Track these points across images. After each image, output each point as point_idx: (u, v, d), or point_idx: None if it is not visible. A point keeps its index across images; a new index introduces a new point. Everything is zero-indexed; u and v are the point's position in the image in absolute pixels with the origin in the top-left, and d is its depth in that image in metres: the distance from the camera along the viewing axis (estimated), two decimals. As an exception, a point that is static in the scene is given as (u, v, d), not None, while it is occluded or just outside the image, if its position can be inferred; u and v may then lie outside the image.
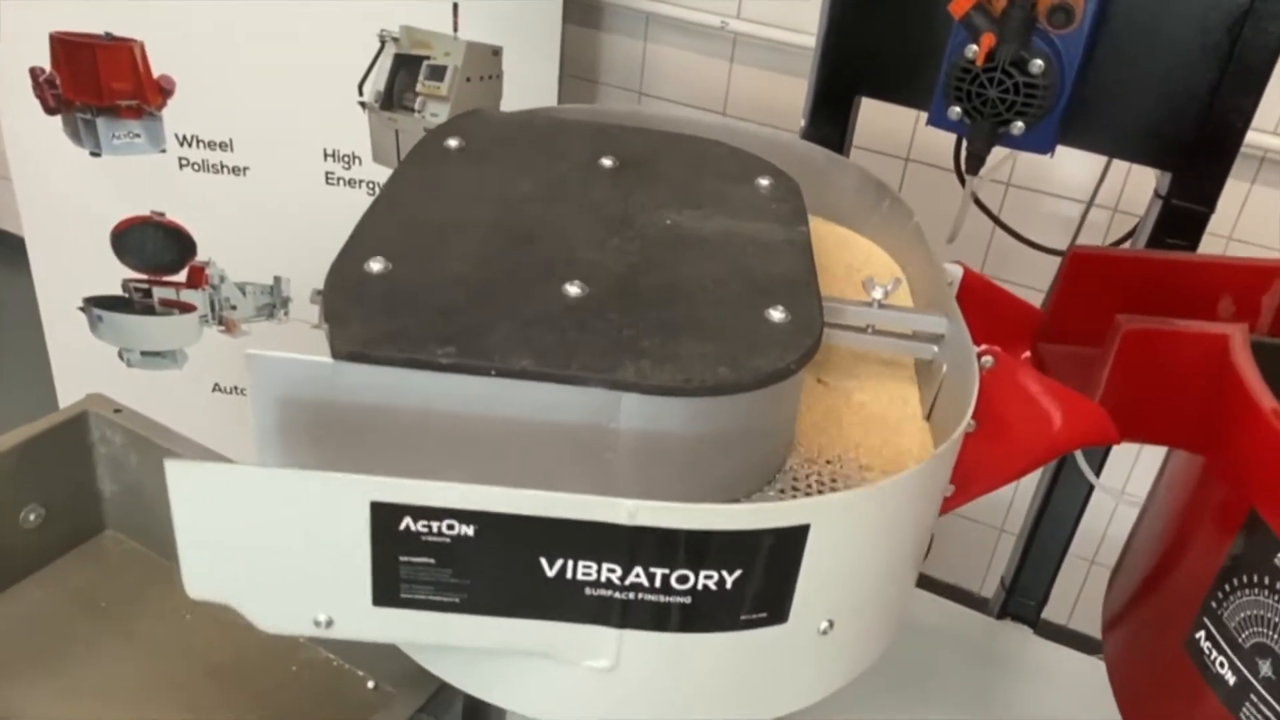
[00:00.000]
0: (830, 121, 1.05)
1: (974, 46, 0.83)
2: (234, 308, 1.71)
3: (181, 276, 1.68)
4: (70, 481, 0.84)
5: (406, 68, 1.51)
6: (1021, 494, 1.98)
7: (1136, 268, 0.75)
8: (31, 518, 0.82)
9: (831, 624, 0.59)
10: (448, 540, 0.53)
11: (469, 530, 0.53)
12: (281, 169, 1.58)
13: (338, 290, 0.64)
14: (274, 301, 1.71)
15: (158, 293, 1.69)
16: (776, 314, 0.66)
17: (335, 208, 1.61)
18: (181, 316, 1.71)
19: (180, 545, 0.53)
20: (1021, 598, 1.19)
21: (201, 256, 1.66)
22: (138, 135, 1.55)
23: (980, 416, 0.71)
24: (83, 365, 1.77)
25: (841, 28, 1.00)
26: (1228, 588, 0.60)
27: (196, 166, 1.58)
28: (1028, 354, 0.83)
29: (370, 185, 1.60)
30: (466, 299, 0.64)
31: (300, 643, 0.81)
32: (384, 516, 0.52)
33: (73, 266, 1.68)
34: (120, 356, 1.75)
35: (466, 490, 0.51)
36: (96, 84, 1.51)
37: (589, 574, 0.54)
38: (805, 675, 0.61)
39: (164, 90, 1.52)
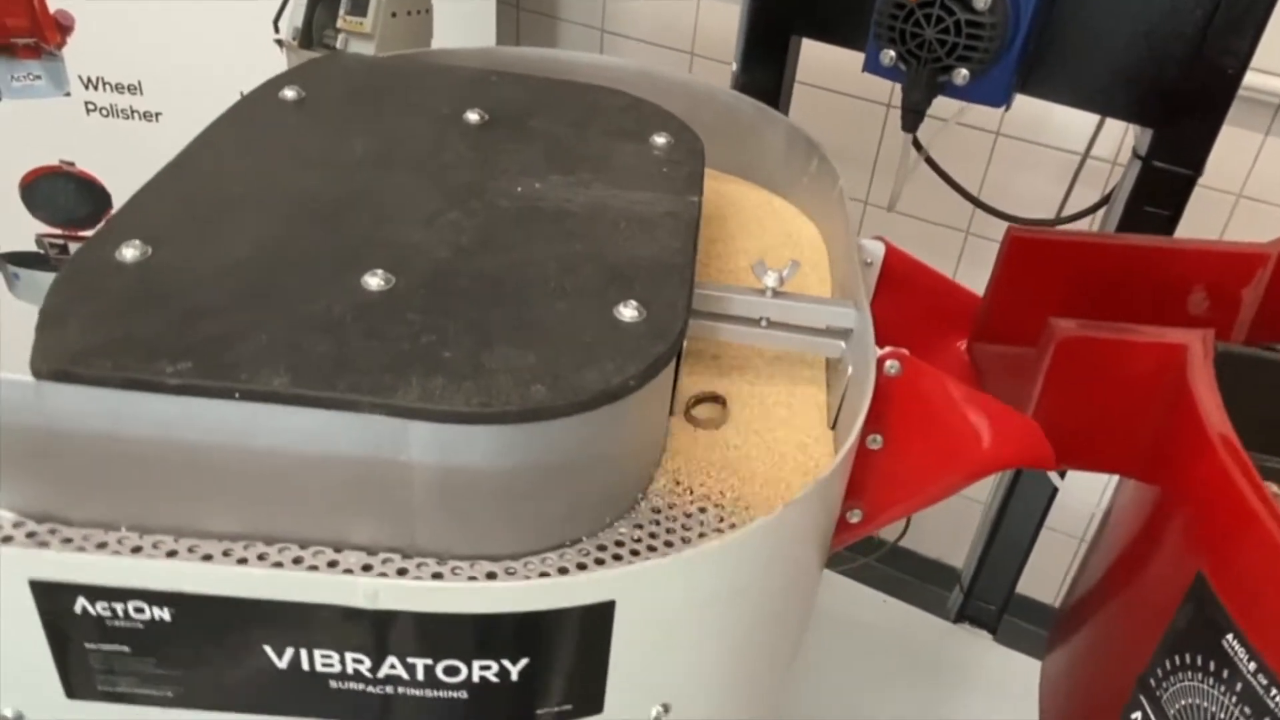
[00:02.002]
0: (764, 66, 0.91)
1: (910, -24, 0.68)
2: (158, 264, 1.59)
3: (99, 231, 1.56)
4: None
5: (325, 1, 1.37)
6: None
7: (1089, 254, 0.61)
8: None
9: (666, 708, 0.47)
10: (140, 625, 0.41)
11: (164, 614, 0.41)
12: (196, 114, 1.44)
13: (67, 285, 0.51)
14: (201, 258, 1.59)
15: (74, 248, 1.57)
16: (628, 311, 0.53)
17: (260, 157, 1.48)
18: (101, 274, 1.59)
19: None
20: (980, 601, 1.07)
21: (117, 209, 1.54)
22: (38, 77, 1.42)
23: (888, 430, 0.59)
24: (5, 326, 1.66)
25: (773, -44, 0.86)
26: (1169, 665, 0.48)
27: (105, 112, 1.45)
28: (964, 346, 0.70)
29: (295, 132, 1.47)
30: (231, 297, 0.52)
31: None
32: (51, 597, 0.40)
33: (-17, 220, 1.56)
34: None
35: (145, 566, 0.40)
36: (-11, 21, 1.38)
37: (331, 665, 0.42)
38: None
39: (62, 27, 1.38)
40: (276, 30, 1.39)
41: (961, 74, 0.69)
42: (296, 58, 1.41)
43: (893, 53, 0.71)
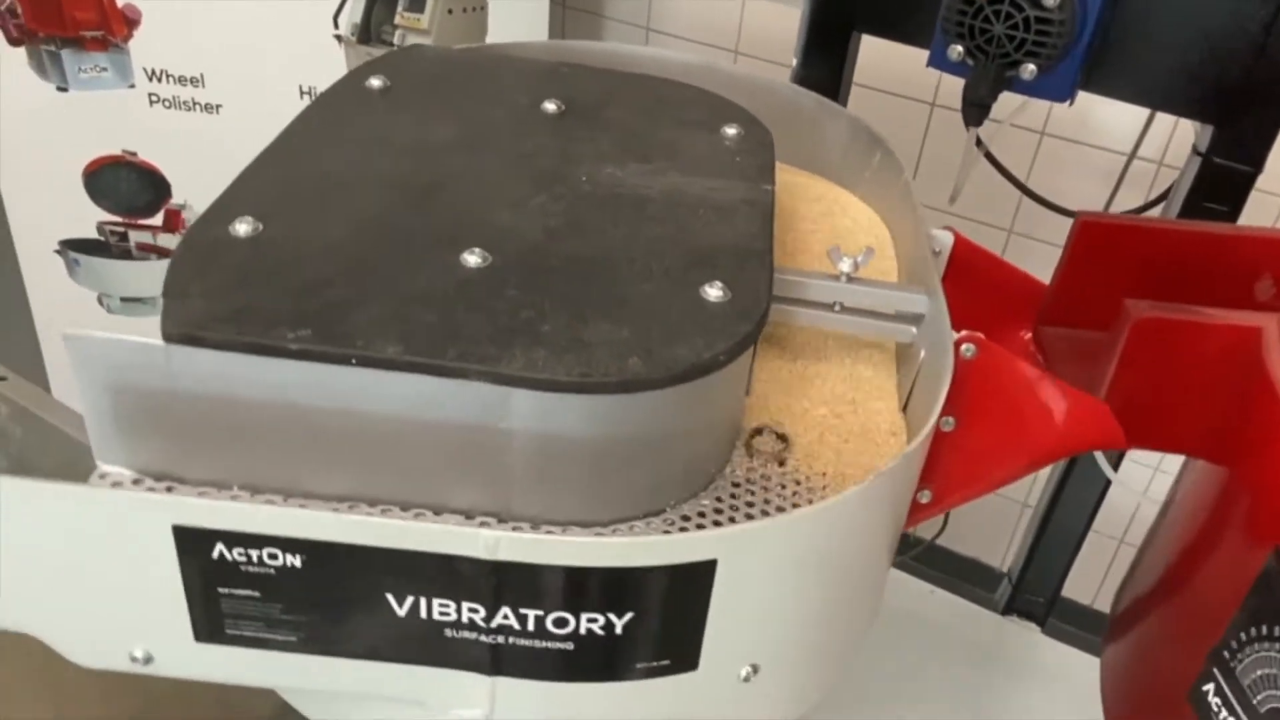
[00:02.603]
0: (824, 61, 0.93)
1: (980, -27, 0.70)
2: (214, 254, 1.63)
3: (158, 220, 1.60)
4: (-49, 455, 0.77)
5: (384, -2, 1.40)
6: (1048, 468, 1.87)
7: (1157, 240, 0.63)
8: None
9: (755, 669, 0.49)
10: (272, 572, 0.44)
11: (296, 561, 0.43)
12: (255, 107, 1.49)
13: (187, 258, 0.54)
14: (255, 248, 1.63)
15: (134, 236, 1.61)
16: (714, 291, 0.55)
17: (316, 150, 1.51)
18: (159, 262, 1.63)
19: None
20: (1029, 594, 1.09)
21: (177, 199, 1.58)
22: (105, 69, 1.46)
23: (961, 413, 0.60)
24: (62, 310, 1.70)
25: (838, -47, 0.88)
26: (1243, 638, 0.50)
27: (167, 103, 1.49)
28: (1029, 335, 0.72)
29: (351, 126, 1.50)
30: (341, 270, 0.54)
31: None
32: (192, 542, 0.43)
33: (47, 208, 1.60)
34: (100, 302, 1.68)
35: (284, 514, 0.42)
36: (59, 13, 1.42)
37: (447, 614, 0.44)
38: (725, 727, 0.52)
39: (129, 20, 1.42)
40: (336, 26, 1.42)
41: (1029, 69, 0.71)
42: (354, 53, 1.44)
43: (960, 48, 0.73)
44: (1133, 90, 0.78)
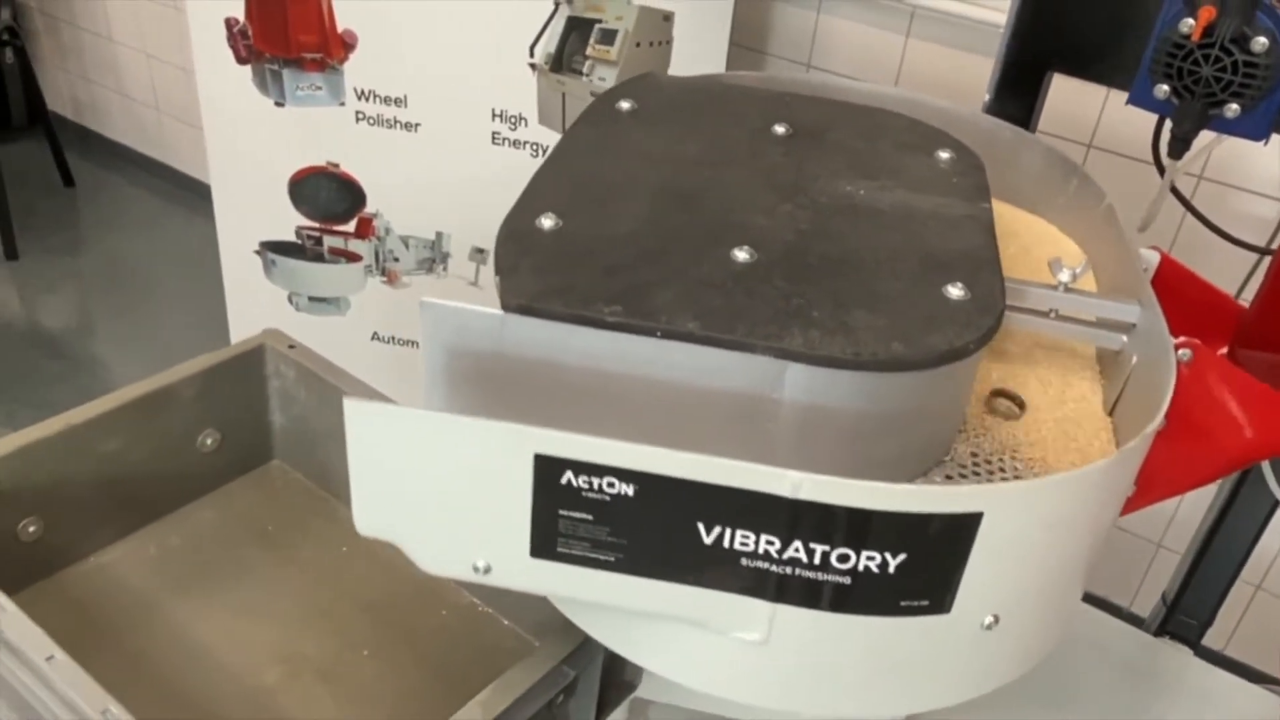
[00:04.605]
0: (1017, 97, 1.00)
1: (1190, 20, 0.76)
2: (397, 260, 1.76)
3: (350, 227, 1.74)
4: (244, 411, 0.88)
5: (578, 30, 1.52)
6: (1188, 507, 1.86)
7: (1361, 267, 0.68)
8: (209, 442, 0.87)
9: (996, 619, 0.56)
10: (607, 498, 0.53)
11: (629, 489, 0.52)
12: (451, 127, 1.62)
13: (509, 244, 0.64)
14: (434, 256, 1.76)
15: (328, 241, 1.75)
16: (955, 291, 0.63)
17: (499, 168, 1.63)
18: (348, 265, 1.77)
19: (353, 482, 0.55)
20: (1184, 616, 1.12)
21: (370, 208, 1.72)
22: (319, 88, 1.61)
23: (1170, 414, 0.66)
24: (255, 306, 1.86)
25: (1038, -3, 0.95)
26: None
27: (371, 121, 1.63)
28: (1224, 353, 0.77)
29: (534, 147, 1.62)
30: (634, 259, 0.64)
31: (449, 586, 0.83)
32: (547, 469, 0.52)
33: (252, 212, 1.76)
34: (289, 300, 1.83)
35: (629, 449, 0.51)
36: (285, 36, 1.57)
37: (746, 544, 0.53)
38: (963, 671, 0.59)
39: (347, 45, 1.57)
40: (531, 55, 1.55)
41: (1232, 109, 0.77)
42: (546, 81, 1.56)
43: (1166, 87, 0.79)
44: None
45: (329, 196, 1.71)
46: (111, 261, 2.63)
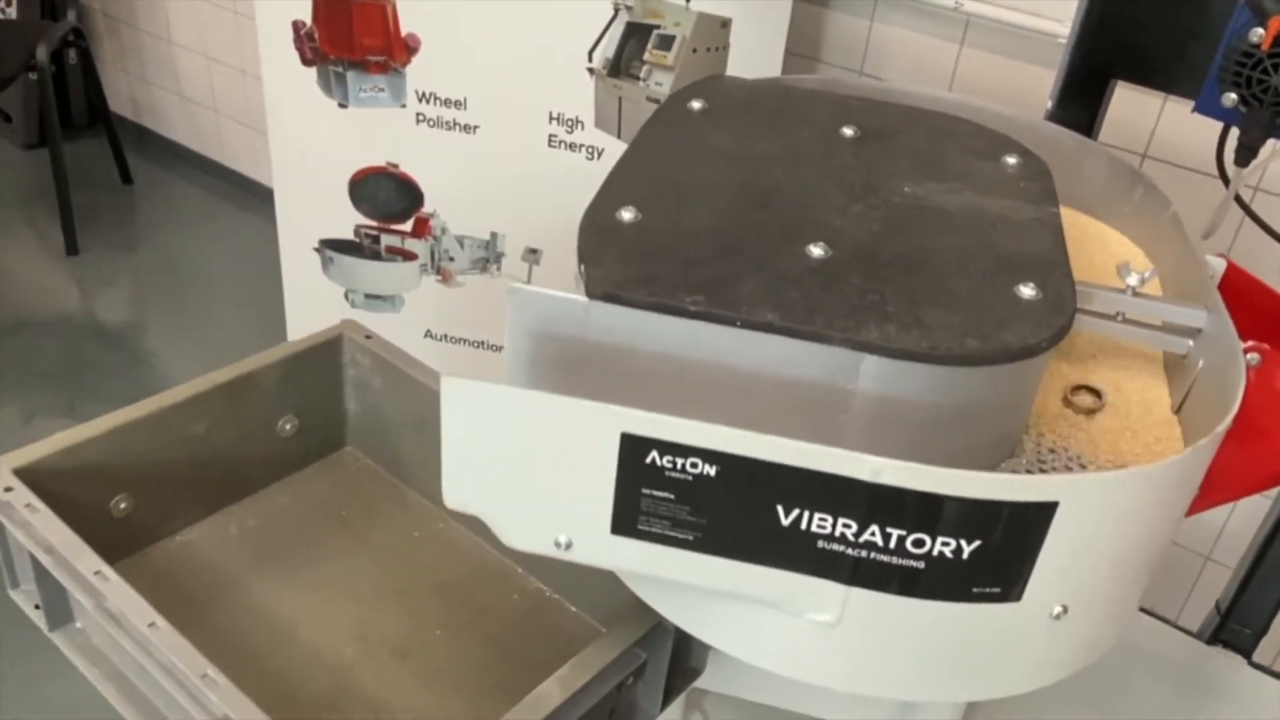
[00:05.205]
0: (1080, 105, 1.01)
1: (1259, 30, 0.77)
2: (451, 259, 1.79)
3: (408, 226, 1.77)
4: (321, 398, 0.91)
5: (636, 36, 1.54)
6: (1237, 520, 1.85)
7: None
8: (287, 428, 0.90)
9: (1065, 610, 0.57)
10: (690, 478, 0.54)
11: (711, 470, 0.54)
12: (508, 129, 1.65)
13: (592, 235, 0.66)
14: (488, 256, 1.78)
15: (385, 240, 1.79)
16: (1027, 291, 0.64)
17: (554, 170, 1.66)
18: (404, 264, 1.80)
19: (445, 457, 0.57)
20: (1237, 624, 1.12)
21: (427, 208, 1.75)
22: (382, 90, 1.65)
23: (1235, 417, 0.67)
24: (312, 302, 1.90)
25: (1104, 6, 0.96)
26: None
27: (431, 122, 1.66)
28: (1289, 359, 0.78)
29: (589, 150, 1.65)
30: (713, 252, 0.66)
31: (517, 572, 0.85)
32: (633, 448, 0.54)
33: (312, 210, 1.80)
34: (346, 297, 1.87)
35: (715, 430, 0.53)
36: (350, 39, 1.61)
37: (824, 527, 0.54)
38: (1030, 660, 0.60)
39: (410, 48, 1.61)
40: (589, 60, 1.57)
41: (1301, 116, 0.78)
42: (603, 85, 1.59)
43: (1234, 95, 0.80)
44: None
45: (388, 196, 1.75)
46: (168, 258, 2.69)
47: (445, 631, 0.80)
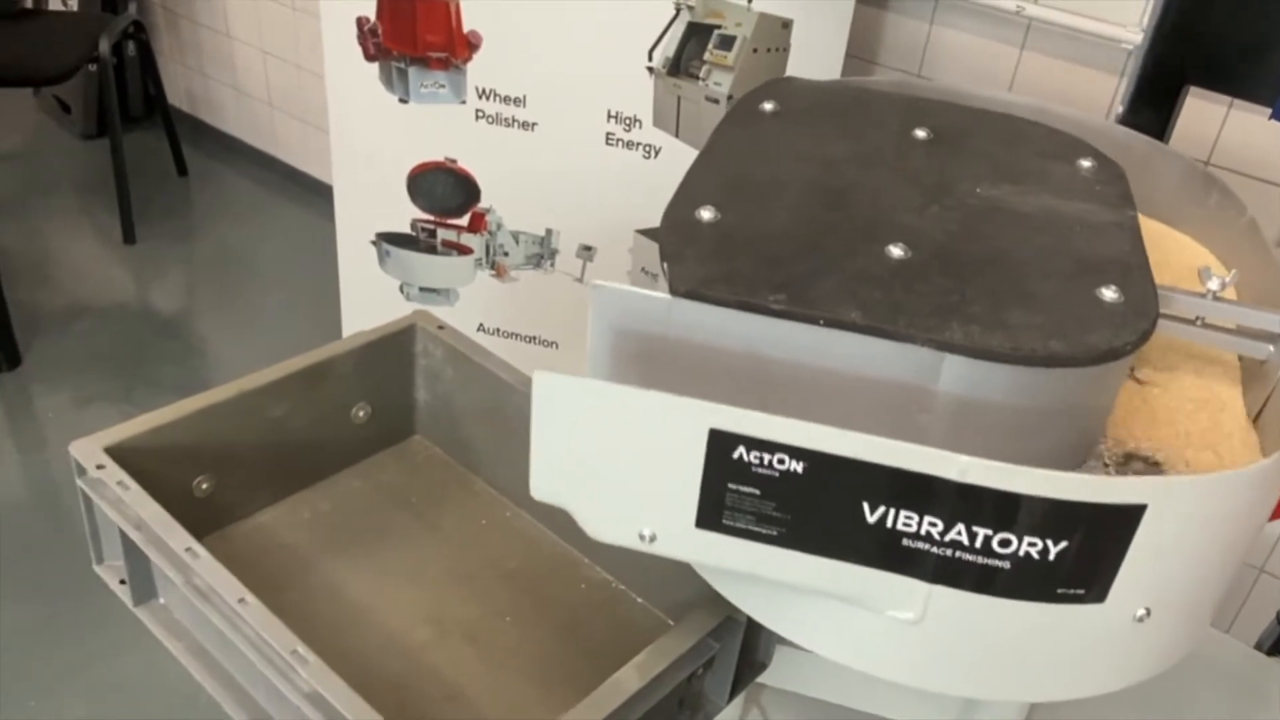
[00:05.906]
0: (1153, 110, 1.00)
1: (1343, 35, 0.77)
2: (506, 254, 1.81)
3: (464, 221, 1.79)
4: (393, 386, 0.93)
5: (697, 36, 1.55)
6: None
7: None
8: (360, 414, 0.92)
9: (1148, 612, 0.57)
10: (776, 474, 0.55)
11: (798, 466, 0.55)
12: (567, 126, 1.66)
13: (673, 233, 0.67)
14: (543, 252, 1.80)
15: (441, 234, 1.81)
16: (1109, 293, 0.64)
17: (611, 168, 1.67)
18: (460, 258, 1.83)
19: (533, 449, 0.58)
20: (1301, 637, 1.11)
21: (484, 203, 1.77)
22: (443, 86, 1.67)
23: (1316, 426, 0.67)
24: (367, 295, 1.92)
25: (1179, 10, 0.95)
26: None
27: (490, 119, 1.68)
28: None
29: (647, 148, 1.66)
30: (792, 251, 0.66)
31: (584, 562, 0.86)
32: (720, 443, 0.55)
33: (370, 204, 1.83)
34: (401, 290, 1.89)
35: (803, 427, 0.53)
36: (413, 35, 1.63)
37: (909, 525, 0.55)
38: (1109, 662, 0.60)
39: (471, 45, 1.62)
40: (649, 59, 1.58)
41: (1384, 124, 0.77)
42: (663, 84, 1.60)
43: (1315, 102, 0.80)
44: None
45: (445, 191, 1.77)
46: (222, 249, 2.74)
47: (515, 618, 0.81)
